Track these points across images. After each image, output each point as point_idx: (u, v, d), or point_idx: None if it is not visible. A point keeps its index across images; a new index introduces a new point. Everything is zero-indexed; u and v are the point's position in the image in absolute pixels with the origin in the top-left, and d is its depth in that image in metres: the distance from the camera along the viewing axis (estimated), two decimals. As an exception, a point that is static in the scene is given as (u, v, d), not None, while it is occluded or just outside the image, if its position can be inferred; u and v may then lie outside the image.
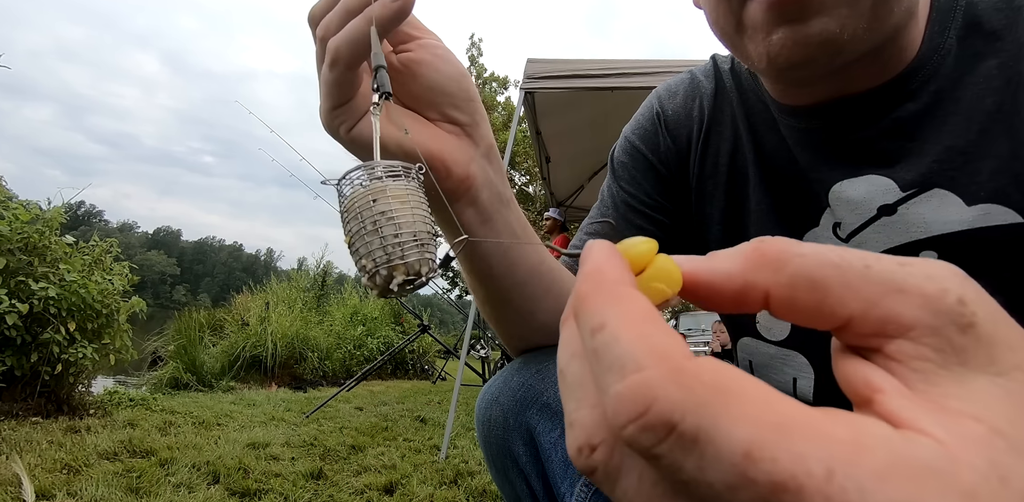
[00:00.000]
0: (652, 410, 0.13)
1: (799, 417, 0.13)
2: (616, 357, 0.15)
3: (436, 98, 0.44)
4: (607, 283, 0.17)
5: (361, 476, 2.32)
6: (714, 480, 0.13)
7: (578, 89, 3.11)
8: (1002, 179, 0.49)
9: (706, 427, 0.13)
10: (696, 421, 0.13)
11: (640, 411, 0.13)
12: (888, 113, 0.53)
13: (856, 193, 0.55)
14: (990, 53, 0.50)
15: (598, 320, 0.16)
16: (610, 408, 0.14)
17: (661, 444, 0.13)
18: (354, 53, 0.38)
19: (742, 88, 0.65)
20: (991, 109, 0.49)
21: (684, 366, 0.14)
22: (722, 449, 0.13)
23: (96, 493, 1.81)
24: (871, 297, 0.15)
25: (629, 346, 0.15)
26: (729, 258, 0.18)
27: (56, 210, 3.00)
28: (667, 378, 0.14)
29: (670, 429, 0.13)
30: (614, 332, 0.15)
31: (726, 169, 0.65)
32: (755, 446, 0.12)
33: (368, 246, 0.33)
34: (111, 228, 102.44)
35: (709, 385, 0.13)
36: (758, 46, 0.48)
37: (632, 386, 0.14)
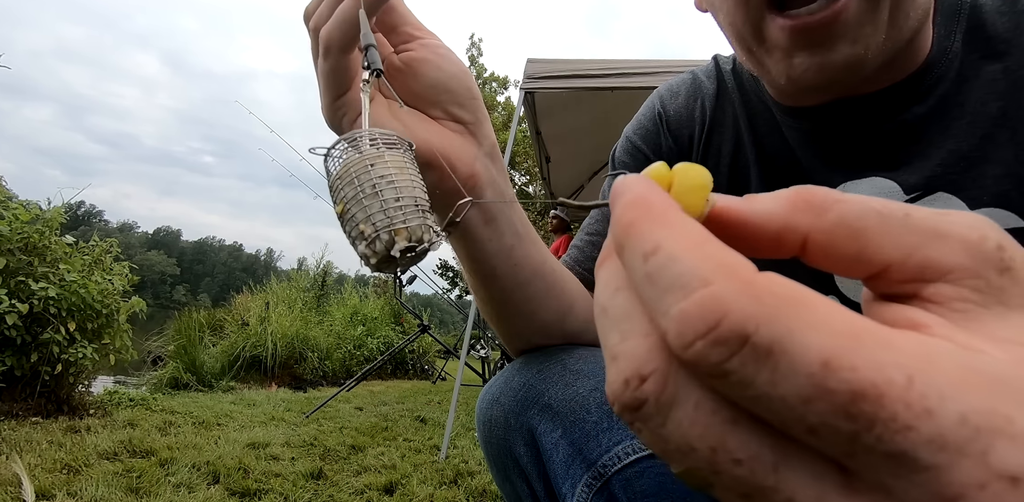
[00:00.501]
0: (724, 322, 0.13)
1: (871, 328, 0.13)
2: (677, 276, 0.14)
3: (439, 96, 0.44)
4: (655, 209, 0.16)
5: (361, 476, 2.32)
6: (788, 393, 0.12)
7: (578, 89, 3.11)
8: (1006, 184, 0.48)
9: (781, 337, 0.12)
10: (771, 331, 0.12)
11: (711, 325, 0.13)
12: (894, 115, 0.52)
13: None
14: (994, 57, 0.50)
15: (651, 244, 0.15)
16: (674, 327, 0.14)
17: (733, 358, 0.13)
18: (345, 36, 0.38)
19: (744, 89, 0.65)
20: (995, 114, 0.49)
21: (754, 279, 0.13)
22: (798, 359, 0.12)
23: (96, 493, 1.81)
24: (912, 243, 0.15)
25: (691, 263, 0.14)
26: (770, 200, 0.17)
27: (56, 210, 3.00)
28: (737, 290, 0.13)
29: (743, 341, 0.13)
30: (671, 252, 0.14)
31: (727, 170, 0.65)
32: (833, 355, 0.12)
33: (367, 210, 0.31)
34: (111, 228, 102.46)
35: (782, 296, 0.13)
36: (778, 64, 0.48)
37: (700, 300, 0.13)
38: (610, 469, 0.44)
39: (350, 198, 0.32)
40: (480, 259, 0.49)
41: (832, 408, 0.12)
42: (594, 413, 0.48)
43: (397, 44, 0.44)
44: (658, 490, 0.42)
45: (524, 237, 0.51)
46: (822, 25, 0.44)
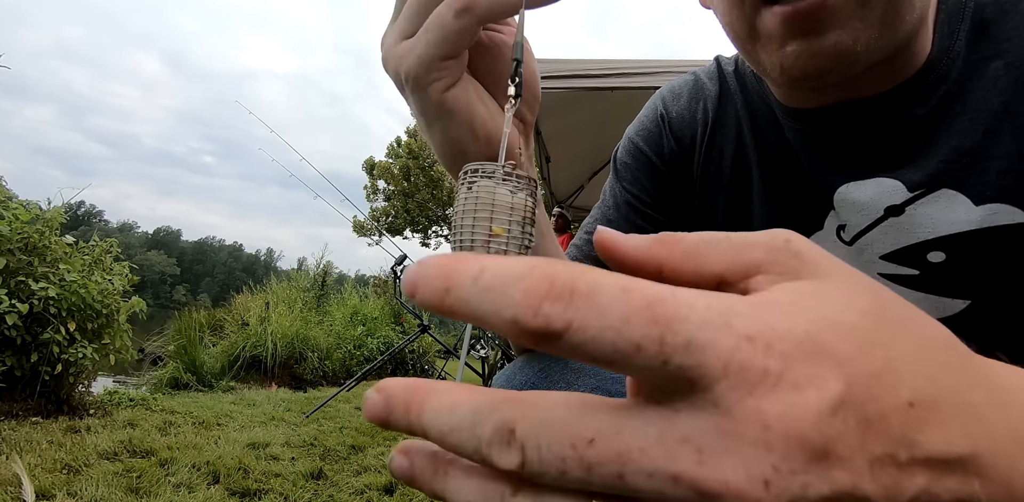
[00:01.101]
0: (555, 282, 0.16)
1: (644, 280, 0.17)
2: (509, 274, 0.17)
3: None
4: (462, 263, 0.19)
5: (361, 476, 2.32)
6: (611, 319, 0.16)
7: (578, 89, 3.12)
8: (1009, 179, 0.49)
9: (595, 282, 0.16)
10: (586, 280, 0.16)
11: (547, 287, 0.16)
12: (898, 116, 0.53)
13: (863, 195, 0.55)
14: (997, 54, 0.50)
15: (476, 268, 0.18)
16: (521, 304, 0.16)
17: (568, 308, 0.16)
18: (494, 9, 0.34)
19: (746, 90, 0.65)
20: (998, 109, 0.49)
21: (558, 262, 0.17)
22: (609, 291, 0.16)
23: (96, 493, 1.81)
24: (732, 255, 0.20)
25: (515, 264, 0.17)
26: (641, 238, 0.22)
27: (56, 210, 3.00)
28: (555, 266, 0.17)
29: (571, 292, 0.16)
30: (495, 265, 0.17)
31: (729, 171, 0.65)
32: (626, 284, 0.16)
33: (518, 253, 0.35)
34: (111, 228, 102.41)
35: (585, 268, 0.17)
36: (771, 56, 0.48)
37: (535, 276, 0.16)
38: (610, 467, 0.44)
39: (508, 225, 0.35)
40: None
41: (642, 320, 0.15)
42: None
43: (486, 22, 0.40)
44: (658, 488, 0.42)
45: (546, 235, 0.51)
46: (811, 10, 0.44)
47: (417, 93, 0.38)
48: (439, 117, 0.39)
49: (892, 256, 0.55)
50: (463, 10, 0.34)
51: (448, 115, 0.39)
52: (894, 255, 0.55)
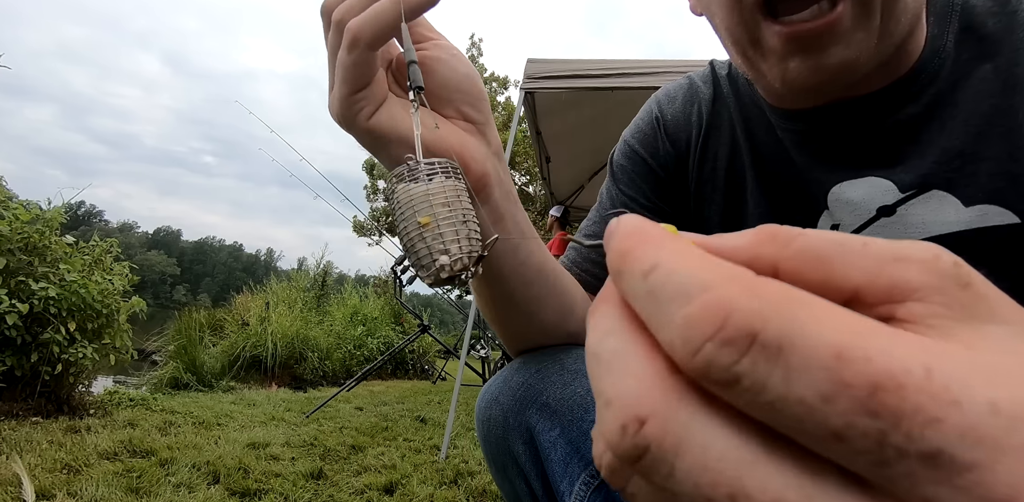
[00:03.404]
0: (730, 321, 0.12)
1: (877, 325, 0.13)
2: (678, 286, 0.14)
3: (452, 95, 0.44)
4: (650, 234, 0.16)
5: (361, 476, 2.32)
6: (804, 392, 0.12)
7: (578, 89, 3.11)
8: (999, 180, 0.49)
9: (790, 332, 0.12)
10: (778, 327, 0.12)
11: (717, 325, 0.13)
12: (889, 115, 0.53)
13: (856, 194, 0.55)
14: (986, 57, 0.50)
15: (648, 263, 0.15)
16: (679, 334, 0.13)
17: (743, 359, 0.12)
18: (377, 33, 0.38)
19: (739, 93, 0.65)
20: (988, 112, 0.50)
21: (754, 280, 0.14)
22: (811, 353, 0.12)
23: (96, 493, 1.81)
24: (873, 267, 0.15)
25: (690, 273, 0.14)
26: (737, 236, 0.18)
27: (56, 210, 3.00)
28: (739, 291, 0.13)
29: (751, 339, 0.12)
30: (670, 268, 0.15)
31: (724, 173, 0.65)
32: (845, 346, 0.12)
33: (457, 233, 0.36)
34: (111, 228, 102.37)
35: (784, 294, 0.13)
36: (772, 68, 0.49)
37: (704, 303, 0.13)
38: (608, 467, 0.44)
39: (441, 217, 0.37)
40: (489, 260, 0.50)
41: (853, 404, 0.11)
42: (592, 412, 0.48)
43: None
44: (656, 488, 0.42)
45: (528, 236, 0.51)
46: (817, 33, 0.44)
47: (350, 129, 0.42)
48: (375, 144, 0.43)
49: None
50: (352, 44, 0.38)
51: (381, 140, 0.42)
52: None
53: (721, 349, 0.13)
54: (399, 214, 0.36)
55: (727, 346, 0.13)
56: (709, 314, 0.13)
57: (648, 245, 0.16)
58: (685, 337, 0.13)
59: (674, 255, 0.15)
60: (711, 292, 0.13)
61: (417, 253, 0.36)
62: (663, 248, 0.16)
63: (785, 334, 0.12)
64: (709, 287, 0.13)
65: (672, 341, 0.14)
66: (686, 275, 0.14)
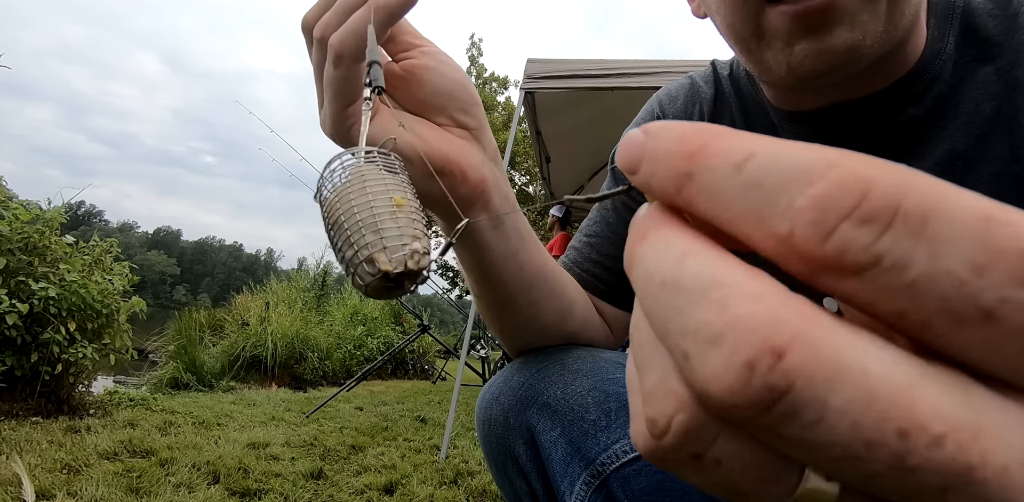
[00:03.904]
0: (871, 194, 0.11)
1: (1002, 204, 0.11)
2: (793, 167, 0.12)
3: (444, 102, 0.44)
4: (723, 130, 0.14)
5: (361, 476, 2.32)
6: (954, 264, 0.11)
7: (578, 89, 3.11)
8: (1002, 182, 0.49)
9: (933, 202, 0.11)
10: (920, 197, 0.11)
11: (856, 199, 0.11)
12: (892, 116, 0.53)
13: None
14: (987, 59, 0.50)
15: (740, 153, 0.13)
16: (807, 217, 0.12)
17: (884, 236, 0.11)
18: (359, 45, 0.37)
19: (741, 94, 0.65)
20: (990, 114, 0.50)
21: (872, 158, 0.12)
22: (959, 220, 0.11)
23: (96, 493, 1.81)
24: None
25: (805, 153, 0.12)
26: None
27: (56, 210, 3.00)
28: (869, 164, 0.11)
29: (894, 212, 0.11)
30: (772, 151, 0.13)
31: None
32: (992, 208, 0.11)
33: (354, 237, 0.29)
34: (111, 228, 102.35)
35: (909, 170, 0.12)
36: (777, 55, 0.48)
37: (837, 178, 0.11)
38: (608, 467, 0.44)
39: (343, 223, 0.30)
40: (487, 264, 0.49)
41: (1008, 273, 0.10)
42: (592, 412, 0.48)
43: (396, 53, 0.44)
44: (656, 488, 0.42)
45: (527, 240, 0.51)
46: (821, 9, 0.44)
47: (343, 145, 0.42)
48: None
49: None
50: (336, 60, 0.38)
51: None
52: None
53: (860, 227, 0.11)
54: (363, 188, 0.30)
55: (867, 223, 0.11)
56: (846, 189, 0.11)
57: (728, 137, 0.14)
58: (815, 220, 0.11)
59: (766, 141, 0.13)
60: (840, 167, 0.12)
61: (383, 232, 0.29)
62: (747, 137, 0.13)
63: (930, 203, 0.11)
64: (834, 163, 0.12)
65: (791, 230, 0.12)
66: (801, 155, 0.12)
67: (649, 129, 0.15)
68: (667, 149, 0.14)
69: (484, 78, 15.82)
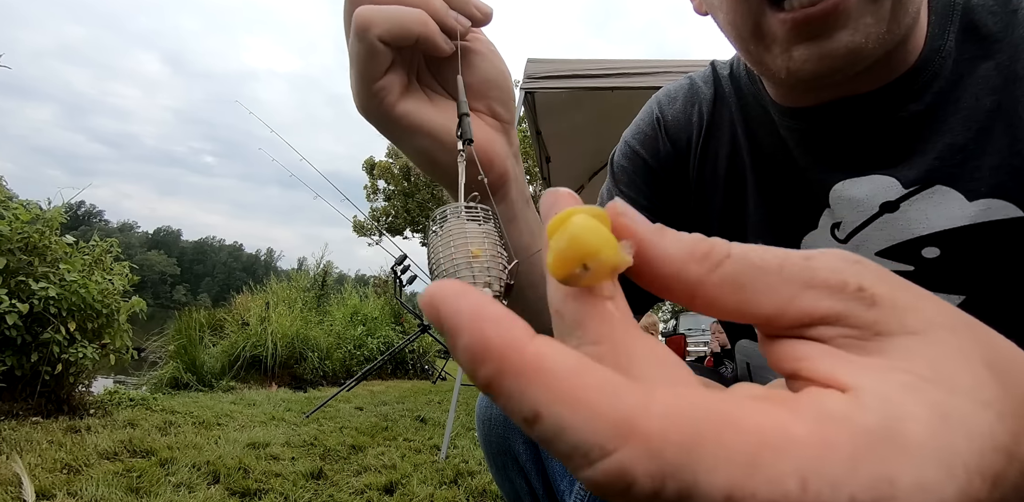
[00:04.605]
0: (634, 487, 0.13)
1: (764, 429, 0.13)
2: (573, 445, 0.13)
3: (488, 91, 0.44)
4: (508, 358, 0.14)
5: (361, 476, 2.32)
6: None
7: (578, 89, 3.12)
8: (1002, 174, 0.49)
9: (686, 488, 0.13)
10: (676, 485, 0.13)
11: (623, 489, 0.13)
12: (893, 113, 0.53)
13: (859, 192, 0.55)
14: (987, 55, 0.51)
15: (528, 410, 0.14)
16: (591, 489, 0.14)
17: None
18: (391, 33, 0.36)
19: (741, 93, 0.65)
20: (990, 107, 0.50)
21: (650, 432, 0.13)
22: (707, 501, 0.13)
23: (96, 493, 1.81)
24: (785, 297, 0.16)
25: (582, 431, 0.13)
26: (677, 241, 0.18)
27: (56, 210, 3.00)
28: (638, 454, 0.13)
29: (656, 497, 0.13)
30: (555, 421, 0.13)
31: (724, 173, 0.65)
32: (735, 487, 0.13)
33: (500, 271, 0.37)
34: (111, 228, 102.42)
35: (678, 443, 0.13)
36: (776, 59, 0.48)
37: (607, 471, 0.13)
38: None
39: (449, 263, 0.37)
40: None
41: None
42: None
43: (455, 33, 0.43)
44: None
45: (538, 237, 0.51)
46: (823, 15, 0.44)
47: (370, 119, 0.41)
48: (395, 135, 0.42)
49: (887, 252, 0.56)
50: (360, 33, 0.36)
51: (404, 130, 0.41)
52: (889, 251, 0.56)
53: None
54: (448, 241, 0.36)
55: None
56: (613, 482, 0.13)
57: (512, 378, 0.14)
58: (596, 494, 0.14)
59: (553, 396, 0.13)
60: (608, 458, 0.13)
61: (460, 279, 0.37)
62: (536, 383, 0.14)
63: (683, 489, 0.13)
64: (606, 451, 0.13)
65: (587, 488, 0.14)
66: (579, 433, 0.13)
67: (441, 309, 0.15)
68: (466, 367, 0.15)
69: (484, 78, 15.78)
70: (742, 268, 0.17)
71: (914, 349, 0.15)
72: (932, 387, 0.14)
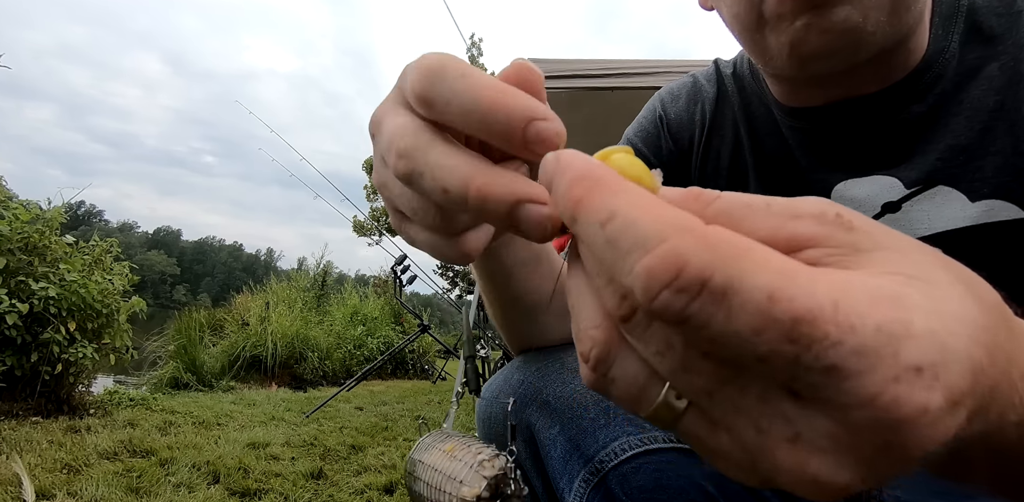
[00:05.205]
0: (685, 271, 0.15)
1: (801, 267, 0.16)
2: (636, 237, 0.16)
3: None
4: (603, 180, 0.18)
5: (361, 476, 2.32)
6: (741, 327, 0.15)
7: (578, 89, 3.12)
8: (1005, 175, 0.49)
9: (733, 280, 0.15)
10: (725, 275, 0.15)
11: (673, 274, 0.15)
12: (896, 114, 0.53)
13: (860, 192, 0.55)
14: (991, 56, 0.51)
15: (605, 212, 0.17)
16: (640, 282, 0.15)
17: (693, 302, 0.15)
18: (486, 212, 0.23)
19: (744, 92, 0.65)
20: (993, 107, 0.50)
21: (705, 232, 0.16)
22: (748, 296, 0.15)
23: (96, 493, 1.81)
24: (775, 223, 0.19)
25: (648, 224, 0.16)
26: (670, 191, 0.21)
27: (56, 210, 3.00)
28: (693, 243, 0.15)
29: (702, 286, 0.15)
30: (627, 217, 0.16)
31: (726, 172, 0.65)
32: (776, 289, 0.14)
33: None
34: (111, 228, 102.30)
35: (730, 244, 0.15)
36: (780, 35, 0.48)
37: (662, 254, 0.15)
38: (607, 464, 0.44)
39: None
40: (499, 267, 0.50)
41: (778, 334, 0.14)
42: (591, 410, 0.49)
43: None
44: (654, 485, 0.43)
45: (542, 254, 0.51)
46: None
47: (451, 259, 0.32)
48: None
49: None
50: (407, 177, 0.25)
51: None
52: None
53: (676, 295, 0.15)
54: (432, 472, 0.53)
55: (681, 292, 0.15)
56: (667, 264, 0.15)
57: (601, 193, 0.18)
58: (644, 285, 0.15)
59: (629, 204, 0.17)
60: (667, 243, 0.15)
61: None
62: (617, 195, 0.17)
63: (729, 282, 0.15)
64: (664, 237, 0.15)
65: (632, 286, 0.16)
66: (643, 225, 0.16)
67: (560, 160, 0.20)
68: (563, 192, 0.19)
69: (484, 78, 15.80)
70: (733, 204, 0.19)
71: (893, 259, 0.18)
72: (920, 282, 0.17)
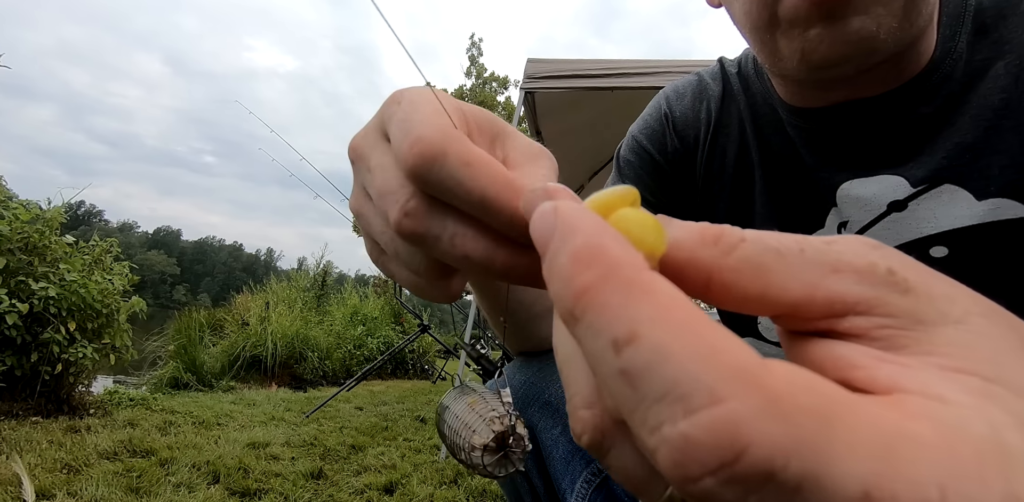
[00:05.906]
0: (745, 457, 0.10)
1: (898, 432, 0.11)
2: (672, 382, 0.11)
3: None
4: (621, 268, 0.13)
5: (361, 476, 2.32)
6: None
7: (578, 89, 3.11)
8: (1012, 174, 0.49)
9: (816, 471, 0.10)
10: (803, 465, 0.10)
11: (727, 459, 0.10)
12: (903, 115, 0.53)
13: (866, 191, 0.55)
14: (998, 56, 0.51)
15: (623, 328, 0.12)
16: (671, 454, 0.11)
17: (749, 497, 0.10)
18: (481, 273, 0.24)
19: (749, 91, 0.65)
20: (999, 106, 0.50)
21: (775, 386, 0.11)
22: (835, 496, 0.10)
23: (96, 493, 1.81)
24: (812, 280, 0.15)
25: (689, 365, 0.11)
26: (684, 227, 0.16)
27: (56, 210, 3.00)
28: (760, 409, 0.10)
29: (767, 478, 0.10)
30: (656, 344, 0.11)
31: (732, 171, 0.65)
32: (874, 485, 0.10)
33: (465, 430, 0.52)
34: (111, 228, 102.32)
35: (812, 411, 0.10)
36: (792, 42, 0.48)
37: (712, 424, 0.10)
38: (609, 465, 0.44)
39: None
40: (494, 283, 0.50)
41: None
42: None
43: None
44: (657, 486, 0.42)
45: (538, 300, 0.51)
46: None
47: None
48: None
49: None
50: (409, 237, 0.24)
51: None
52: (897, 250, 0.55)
53: (725, 486, 0.10)
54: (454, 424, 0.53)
55: (733, 484, 0.10)
56: (720, 441, 0.10)
57: (620, 290, 0.12)
58: (677, 460, 0.11)
59: (659, 320, 0.11)
60: (721, 406, 0.10)
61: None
62: (642, 301, 0.12)
63: (810, 474, 0.10)
64: (718, 396, 0.10)
65: (655, 449, 0.11)
66: (680, 366, 0.11)
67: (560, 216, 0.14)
68: (558, 270, 0.13)
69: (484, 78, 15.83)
70: (760, 250, 0.15)
71: (962, 342, 0.13)
72: (1002, 391, 0.13)
